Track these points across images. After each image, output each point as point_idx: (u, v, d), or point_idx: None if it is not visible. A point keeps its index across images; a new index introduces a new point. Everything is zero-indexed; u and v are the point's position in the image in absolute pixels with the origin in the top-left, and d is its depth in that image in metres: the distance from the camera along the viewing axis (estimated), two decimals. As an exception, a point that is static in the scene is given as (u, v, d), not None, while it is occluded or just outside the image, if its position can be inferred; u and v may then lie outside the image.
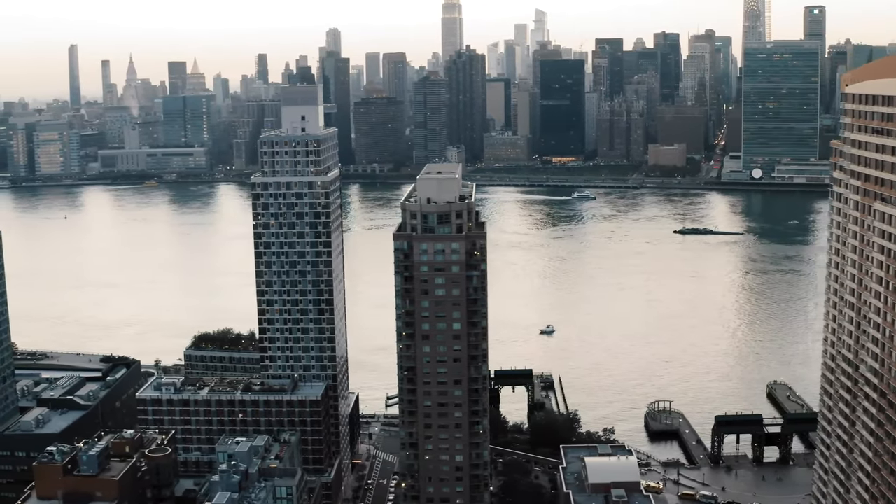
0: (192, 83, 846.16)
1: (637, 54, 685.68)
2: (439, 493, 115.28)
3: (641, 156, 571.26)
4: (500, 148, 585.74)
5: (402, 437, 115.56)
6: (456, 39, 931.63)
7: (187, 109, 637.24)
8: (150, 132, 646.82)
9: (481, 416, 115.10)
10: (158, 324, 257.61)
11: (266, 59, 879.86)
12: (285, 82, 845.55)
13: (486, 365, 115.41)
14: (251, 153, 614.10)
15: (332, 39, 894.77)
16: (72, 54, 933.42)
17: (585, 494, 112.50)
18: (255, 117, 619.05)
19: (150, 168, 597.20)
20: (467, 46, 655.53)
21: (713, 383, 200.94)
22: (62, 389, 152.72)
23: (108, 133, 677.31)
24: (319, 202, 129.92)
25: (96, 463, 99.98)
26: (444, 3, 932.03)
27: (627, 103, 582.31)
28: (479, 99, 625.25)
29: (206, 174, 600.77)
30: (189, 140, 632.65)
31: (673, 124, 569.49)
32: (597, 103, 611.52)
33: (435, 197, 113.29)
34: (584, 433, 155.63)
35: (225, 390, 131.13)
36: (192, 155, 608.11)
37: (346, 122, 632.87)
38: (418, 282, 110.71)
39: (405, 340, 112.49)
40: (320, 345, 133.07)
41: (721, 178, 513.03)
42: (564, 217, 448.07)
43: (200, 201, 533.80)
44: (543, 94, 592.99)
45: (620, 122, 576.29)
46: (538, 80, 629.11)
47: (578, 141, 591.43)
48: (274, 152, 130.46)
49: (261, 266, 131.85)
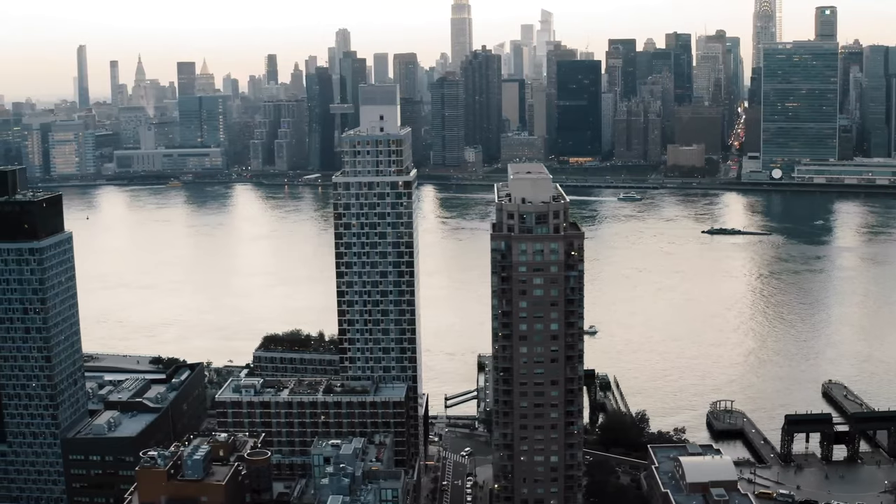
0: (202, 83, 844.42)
1: (650, 55, 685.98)
2: (533, 495, 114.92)
3: (658, 156, 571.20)
4: (516, 148, 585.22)
5: (496, 439, 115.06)
6: (465, 40, 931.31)
7: (203, 110, 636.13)
8: (166, 132, 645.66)
9: (576, 417, 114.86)
10: (196, 324, 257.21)
11: (276, 60, 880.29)
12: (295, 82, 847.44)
13: (582, 365, 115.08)
14: (267, 153, 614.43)
15: (342, 39, 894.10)
16: (80, 55, 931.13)
17: (683, 494, 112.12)
18: (272, 117, 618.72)
19: (166, 168, 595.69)
20: (483, 46, 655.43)
21: (766, 383, 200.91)
22: (129, 392, 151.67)
23: (122, 133, 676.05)
24: (402, 202, 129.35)
25: (202, 467, 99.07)
26: (454, 4, 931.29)
27: (644, 104, 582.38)
28: (495, 99, 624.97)
29: (222, 175, 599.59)
30: (205, 140, 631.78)
31: (690, 125, 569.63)
32: (612, 104, 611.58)
33: (530, 197, 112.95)
34: (654, 433, 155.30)
35: (305, 392, 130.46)
36: (209, 155, 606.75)
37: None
38: (516, 282, 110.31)
39: (501, 341, 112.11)
40: (401, 346, 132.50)
41: (741, 178, 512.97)
42: (587, 217, 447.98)
43: (218, 202, 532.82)
44: (560, 95, 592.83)
45: (637, 122, 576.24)
46: (553, 80, 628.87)
47: (595, 141, 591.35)
48: (355, 152, 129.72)
49: (341, 267, 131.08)
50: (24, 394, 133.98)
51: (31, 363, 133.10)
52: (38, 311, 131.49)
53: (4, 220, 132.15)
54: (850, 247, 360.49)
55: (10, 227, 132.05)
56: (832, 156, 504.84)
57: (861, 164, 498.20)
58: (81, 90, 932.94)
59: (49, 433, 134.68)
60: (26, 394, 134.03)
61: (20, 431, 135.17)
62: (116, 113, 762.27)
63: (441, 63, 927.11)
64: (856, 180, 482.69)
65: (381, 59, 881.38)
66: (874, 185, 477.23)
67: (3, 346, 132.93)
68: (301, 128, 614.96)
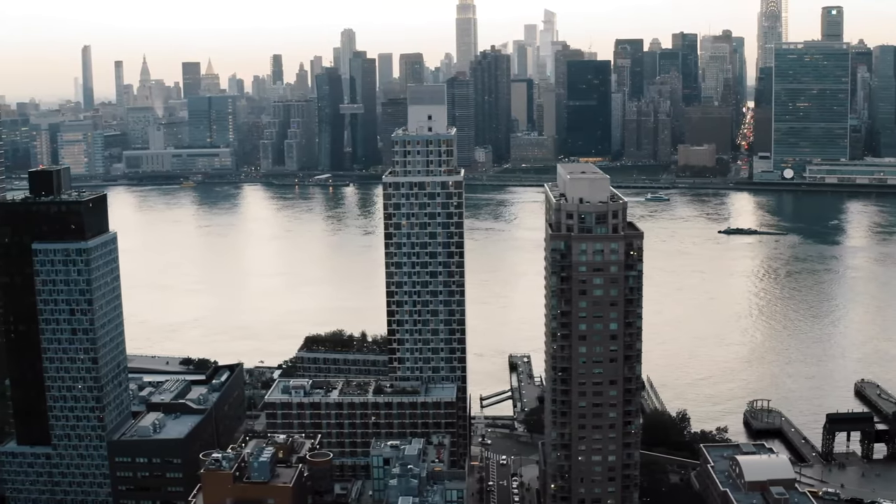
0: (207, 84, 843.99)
1: (657, 55, 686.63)
2: (591, 494, 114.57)
3: (668, 156, 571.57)
4: (526, 148, 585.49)
5: (553, 439, 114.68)
6: (470, 40, 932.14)
7: (212, 110, 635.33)
8: (174, 133, 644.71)
9: (633, 416, 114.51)
10: (219, 325, 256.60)
11: (281, 60, 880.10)
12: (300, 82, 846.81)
13: (640, 365, 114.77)
14: (277, 154, 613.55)
15: (347, 39, 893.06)
16: (85, 55, 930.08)
17: (742, 493, 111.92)
18: (281, 118, 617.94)
19: (175, 169, 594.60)
20: (492, 47, 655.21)
21: (798, 382, 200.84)
22: (171, 393, 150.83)
23: (130, 133, 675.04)
24: (452, 202, 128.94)
25: (268, 469, 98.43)
26: (459, 4, 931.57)
27: (654, 103, 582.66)
28: (504, 99, 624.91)
29: (232, 175, 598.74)
30: (214, 141, 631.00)
31: (700, 125, 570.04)
32: (621, 104, 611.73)
33: (587, 197, 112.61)
34: (697, 432, 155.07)
35: (355, 393, 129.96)
36: (218, 156, 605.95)
37: (372, 122, 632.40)
38: (576, 282, 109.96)
39: (560, 341, 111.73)
40: (450, 346, 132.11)
41: (752, 178, 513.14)
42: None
43: (228, 202, 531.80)
44: (570, 95, 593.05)
45: (647, 122, 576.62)
46: (562, 80, 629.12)
47: (605, 141, 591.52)
48: (405, 152, 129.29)
49: (391, 267, 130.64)
50: (71, 396, 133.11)
51: (77, 364, 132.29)
52: (86, 312, 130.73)
53: (52, 221, 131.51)
54: (864, 246, 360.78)
55: (57, 227, 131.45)
56: (842, 156, 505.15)
57: (872, 164, 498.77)
58: (86, 90, 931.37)
59: (95, 435, 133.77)
60: (72, 396, 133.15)
61: (65, 434, 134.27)
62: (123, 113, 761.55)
63: (446, 63, 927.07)
64: (867, 180, 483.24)
65: (385, 59, 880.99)
66: (885, 184, 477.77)
67: (48, 348, 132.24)
68: (311, 128, 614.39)
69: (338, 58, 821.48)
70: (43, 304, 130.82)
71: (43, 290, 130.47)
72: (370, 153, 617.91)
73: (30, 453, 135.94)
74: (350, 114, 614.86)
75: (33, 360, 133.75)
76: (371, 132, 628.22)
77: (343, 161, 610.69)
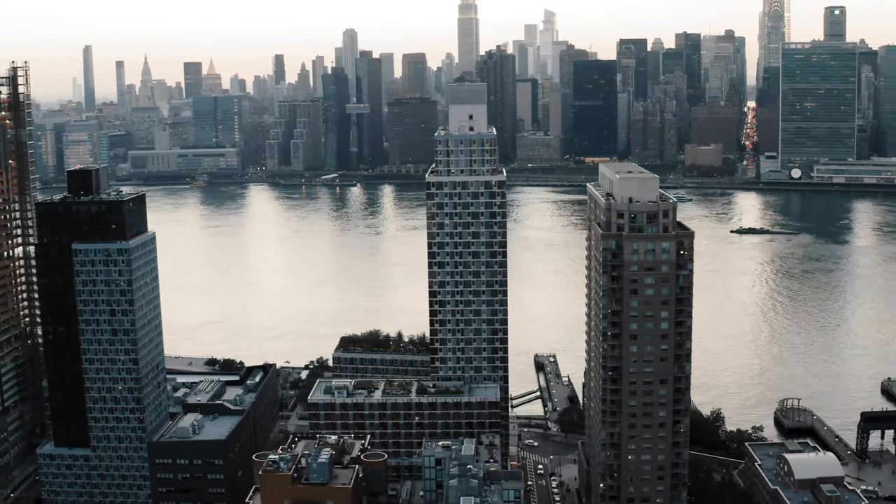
0: (209, 84, 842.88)
1: (661, 55, 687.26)
2: (640, 493, 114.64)
3: (675, 156, 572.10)
4: (532, 148, 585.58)
5: (603, 438, 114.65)
6: (472, 40, 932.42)
7: (218, 110, 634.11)
8: (180, 133, 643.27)
9: (683, 416, 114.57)
10: (238, 326, 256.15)
11: (283, 60, 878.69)
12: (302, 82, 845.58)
13: (689, 364, 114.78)
14: (283, 154, 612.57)
15: (349, 39, 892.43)
16: (86, 55, 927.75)
17: (792, 491, 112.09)
18: (287, 117, 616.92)
19: (181, 169, 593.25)
20: (497, 46, 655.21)
21: (824, 381, 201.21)
22: (207, 394, 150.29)
23: (135, 134, 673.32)
24: (495, 201, 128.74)
25: (327, 471, 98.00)
26: (461, 4, 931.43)
27: (661, 103, 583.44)
28: (510, 99, 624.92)
29: (238, 175, 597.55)
30: (220, 141, 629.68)
31: (706, 124, 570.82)
32: (626, 104, 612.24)
33: (637, 196, 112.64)
34: (732, 431, 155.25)
35: (398, 393, 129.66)
36: (224, 155, 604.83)
37: (377, 122, 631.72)
38: (627, 281, 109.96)
39: (611, 340, 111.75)
40: (493, 346, 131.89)
41: (760, 177, 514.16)
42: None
43: (235, 202, 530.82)
44: (576, 95, 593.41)
45: (654, 122, 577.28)
46: (567, 80, 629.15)
47: (611, 141, 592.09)
48: (448, 151, 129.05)
49: (433, 266, 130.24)
50: (111, 397, 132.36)
51: (117, 366, 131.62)
52: (127, 312, 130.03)
53: (92, 220, 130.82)
54: (874, 245, 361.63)
55: (98, 227, 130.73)
56: (849, 156, 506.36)
57: (879, 164, 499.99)
58: (88, 91, 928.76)
59: (135, 437, 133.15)
60: (112, 397, 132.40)
61: (105, 435, 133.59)
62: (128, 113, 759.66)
63: (447, 63, 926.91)
64: (875, 180, 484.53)
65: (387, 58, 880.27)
66: (893, 184, 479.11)
67: (88, 349, 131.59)
68: (317, 128, 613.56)
69: (339, 58, 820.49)
70: (83, 305, 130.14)
71: (83, 290, 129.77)
72: (376, 153, 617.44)
73: (68, 455, 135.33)
74: (356, 114, 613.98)
75: (72, 362, 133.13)
76: (377, 132, 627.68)
77: (349, 161, 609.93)
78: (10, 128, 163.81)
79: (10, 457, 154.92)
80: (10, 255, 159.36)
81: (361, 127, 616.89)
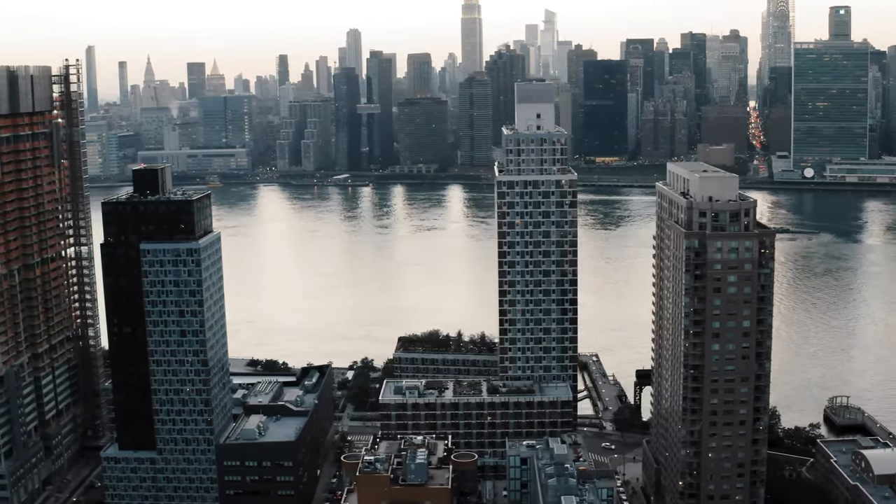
0: (213, 84, 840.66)
1: (667, 54, 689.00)
2: (720, 491, 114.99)
3: (686, 156, 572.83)
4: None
5: (683, 436, 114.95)
6: (475, 40, 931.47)
7: (228, 110, 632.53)
8: (189, 133, 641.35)
9: (762, 413, 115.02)
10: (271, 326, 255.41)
11: (287, 60, 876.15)
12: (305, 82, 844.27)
13: (769, 362, 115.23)
14: (294, 154, 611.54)
15: (353, 39, 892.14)
16: (89, 55, 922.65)
17: (871, 486, 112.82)
18: (297, 118, 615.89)
19: (191, 169, 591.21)
20: (506, 46, 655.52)
21: (866, 379, 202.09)
22: (267, 396, 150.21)
23: (143, 134, 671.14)
24: (566, 200, 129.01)
25: (425, 471, 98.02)
26: (465, 4, 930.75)
27: (671, 103, 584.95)
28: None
29: (248, 175, 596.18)
30: (230, 141, 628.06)
31: (716, 124, 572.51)
32: (635, 104, 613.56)
33: (717, 195, 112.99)
34: (790, 429, 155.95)
35: (469, 393, 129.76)
36: (234, 156, 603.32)
37: (388, 122, 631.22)
38: (710, 280, 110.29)
39: (693, 339, 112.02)
40: (562, 345, 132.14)
41: (773, 177, 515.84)
42: (622, 216, 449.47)
43: (247, 203, 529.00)
44: (587, 95, 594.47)
45: (665, 121, 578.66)
46: (575, 80, 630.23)
47: (622, 141, 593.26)
48: (519, 150, 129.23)
49: (504, 266, 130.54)
50: (178, 399, 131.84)
51: (185, 367, 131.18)
52: (196, 313, 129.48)
53: (160, 220, 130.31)
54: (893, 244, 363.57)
55: (165, 226, 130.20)
56: (861, 155, 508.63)
57: (892, 163, 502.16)
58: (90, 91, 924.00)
59: (203, 439, 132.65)
60: (180, 399, 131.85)
61: (172, 438, 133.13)
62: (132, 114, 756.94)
63: (450, 63, 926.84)
64: (887, 179, 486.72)
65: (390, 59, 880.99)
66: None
67: (156, 350, 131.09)
68: (327, 128, 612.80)
69: (343, 58, 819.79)
70: (151, 306, 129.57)
71: (151, 291, 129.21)
72: (386, 153, 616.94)
73: (133, 458, 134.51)
74: (367, 114, 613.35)
75: (138, 363, 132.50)
76: (387, 132, 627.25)
77: (360, 161, 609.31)
78: (62, 126, 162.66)
79: (65, 460, 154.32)
80: (64, 256, 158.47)
81: (372, 127, 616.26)
